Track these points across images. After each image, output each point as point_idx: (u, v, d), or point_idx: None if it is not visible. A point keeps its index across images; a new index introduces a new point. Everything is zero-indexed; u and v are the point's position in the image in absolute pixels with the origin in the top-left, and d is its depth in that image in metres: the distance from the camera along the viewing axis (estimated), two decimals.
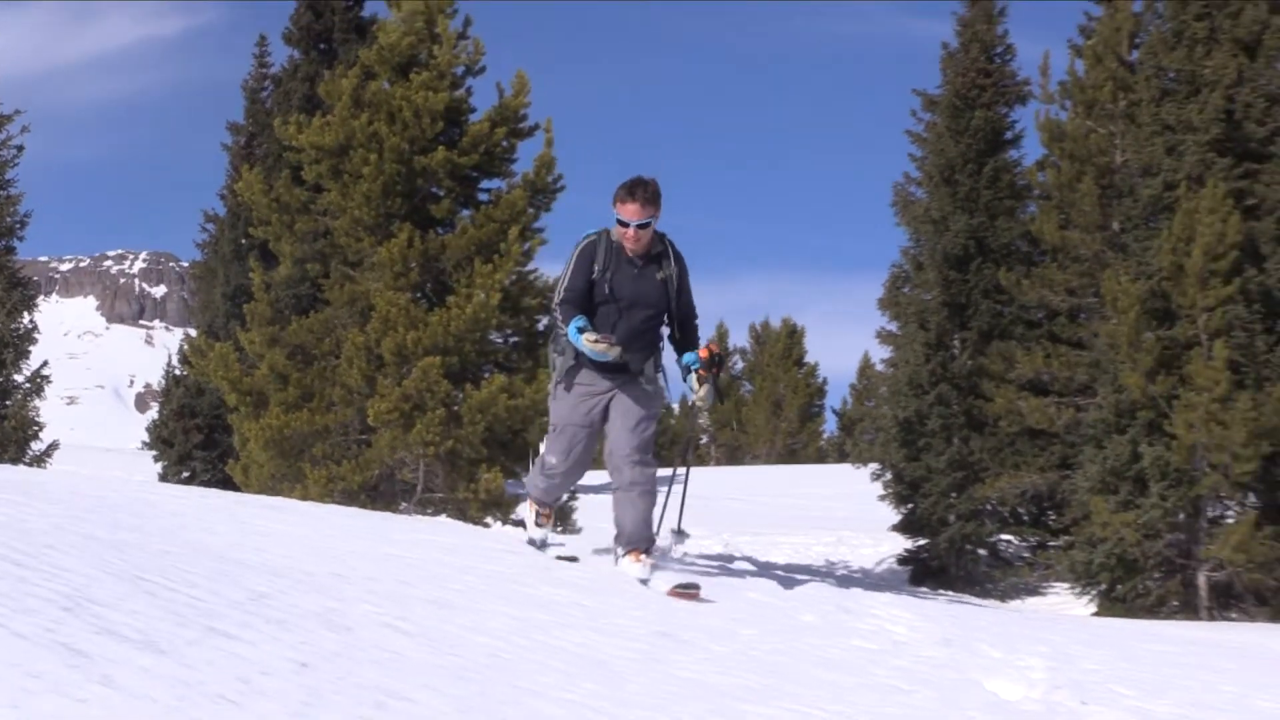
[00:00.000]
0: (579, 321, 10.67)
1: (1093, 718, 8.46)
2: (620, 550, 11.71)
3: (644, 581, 11.14)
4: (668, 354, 11.80)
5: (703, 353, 11.52)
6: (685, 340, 11.87)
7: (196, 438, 51.14)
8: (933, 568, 41.92)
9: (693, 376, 11.56)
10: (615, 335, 10.80)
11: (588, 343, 10.40)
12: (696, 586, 11.16)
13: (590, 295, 11.10)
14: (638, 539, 11.44)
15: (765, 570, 16.78)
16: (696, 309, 11.88)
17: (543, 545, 12.61)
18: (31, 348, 43.22)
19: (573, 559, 12.10)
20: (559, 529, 12.17)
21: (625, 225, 11.06)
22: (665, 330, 11.95)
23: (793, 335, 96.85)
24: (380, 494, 26.27)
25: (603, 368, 11.16)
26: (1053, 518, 39.74)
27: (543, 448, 11.95)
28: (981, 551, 42.47)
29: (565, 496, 13.21)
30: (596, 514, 37.27)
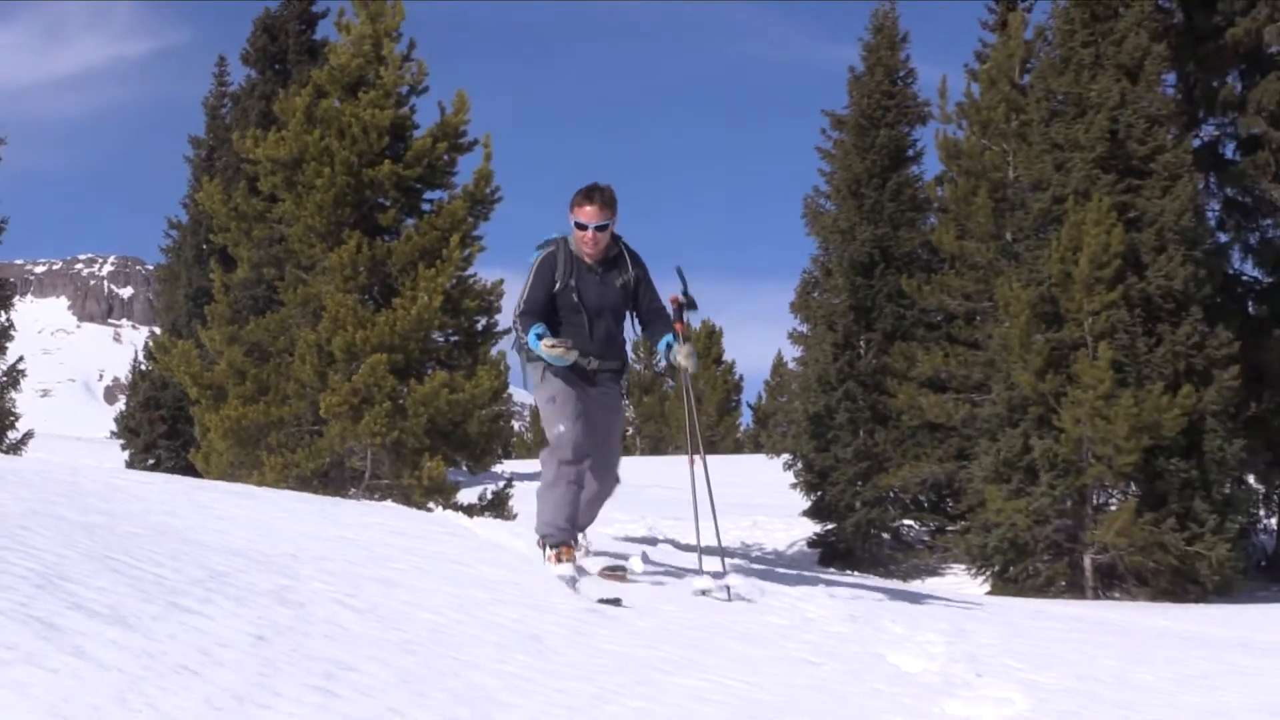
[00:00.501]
0: (538, 329, 10.02)
1: (986, 688, 8.48)
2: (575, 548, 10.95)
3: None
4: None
5: (672, 299, 10.86)
6: (655, 329, 11.07)
7: (161, 428, 50.96)
8: (840, 550, 42.10)
9: (674, 349, 10.73)
10: (590, 343, 10.26)
11: (545, 348, 9.81)
12: (624, 568, 10.91)
13: (551, 306, 10.37)
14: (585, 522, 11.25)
15: (686, 552, 16.74)
16: (662, 305, 11.11)
17: (574, 581, 10.35)
18: (8, 344, 43.10)
19: (615, 601, 9.91)
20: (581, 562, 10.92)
21: (584, 228, 10.45)
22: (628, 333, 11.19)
23: (711, 335, 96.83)
24: (331, 480, 26.20)
25: (576, 376, 10.45)
26: (950, 504, 39.93)
27: (542, 458, 10.81)
28: (885, 535, 42.68)
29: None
30: (534, 500, 37.23)
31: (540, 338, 9.87)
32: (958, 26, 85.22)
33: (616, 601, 9.60)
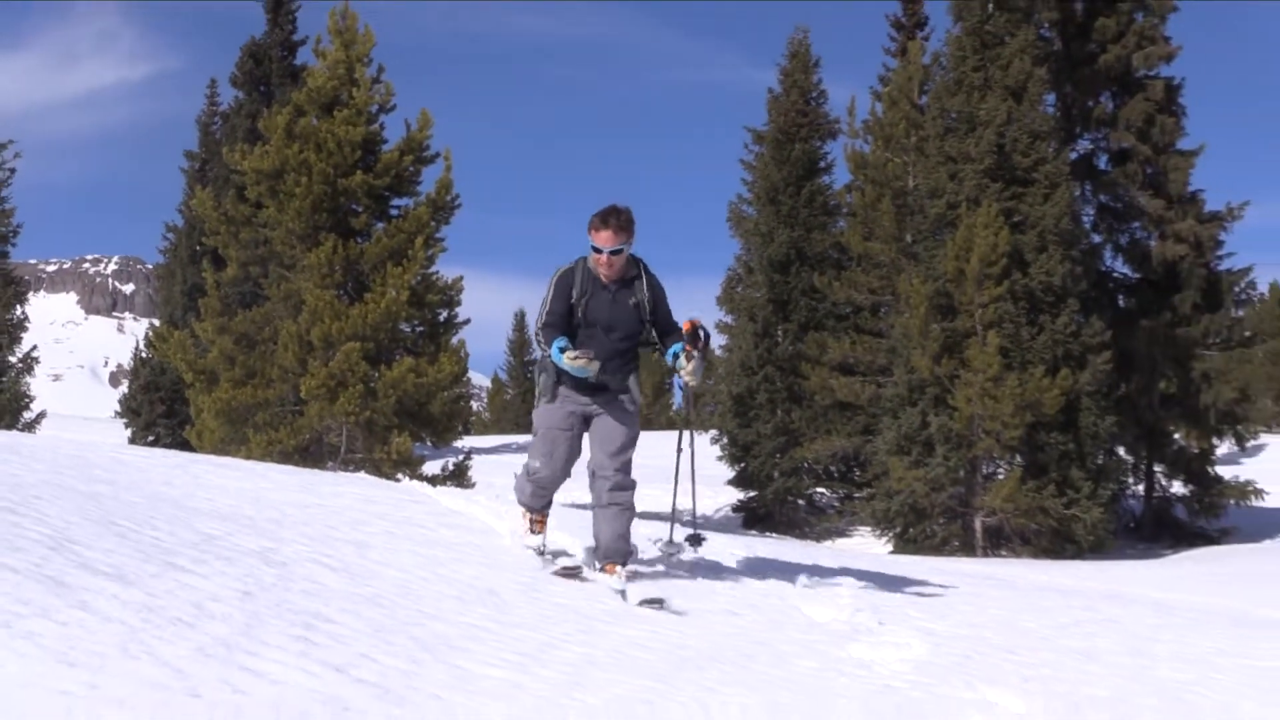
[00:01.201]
0: (560, 342, 9.10)
1: (888, 635, 8.51)
2: (597, 564, 9.98)
3: (621, 593, 9.31)
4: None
5: (685, 325, 9.82)
6: (669, 341, 9.91)
7: (159, 408, 50.74)
8: (760, 515, 42.35)
9: (681, 358, 9.73)
10: (594, 356, 9.14)
11: (569, 360, 8.90)
12: (579, 568, 10.51)
13: (570, 318, 9.41)
14: (614, 553, 9.77)
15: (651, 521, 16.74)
16: (676, 324, 9.97)
17: (542, 553, 10.22)
18: (23, 335, 43.01)
19: (575, 571, 9.71)
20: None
21: (599, 252, 9.39)
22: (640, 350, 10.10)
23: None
24: (310, 454, 26.15)
25: (584, 386, 9.46)
26: (857, 474, 40.22)
27: (517, 473, 10.22)
28: (800, 502, 42.89)
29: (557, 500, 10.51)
30: (491, 471, 37.16)
31: (563, 350, 8.97)
32: (864, 52, 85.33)
33: (659, 603, 9.01)
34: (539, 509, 10.20)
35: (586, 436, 9.86)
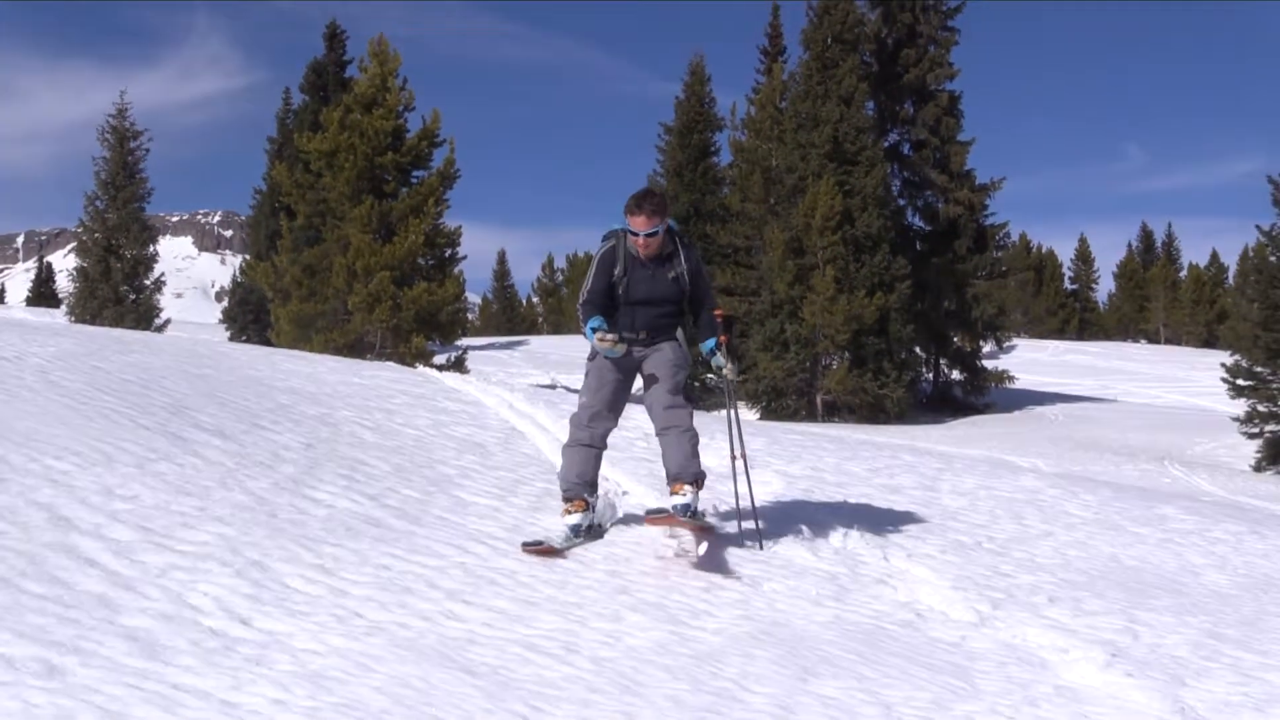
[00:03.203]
0: (594, 322, 6.89)
1: (755, 475, 8.53)
2: (668, 488, 7.06)
3: (688, 508, 6.65)
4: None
5: (718, 313, 7.29)
6: (701, 329, 7.38)
7: (249, 317, 50.27)
8: None
9: (719, 356, 7.20)
10: (634, 330, 6.98)
11: (597, 340, 6.81)
12: (548, 543, 6.63)
13: (611, 294, 7.08)
14: (684, 474, 6.88)
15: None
16: (712, 295, 7.50)
17: (578, 531, 6.74)
18: (155, 265, 42.78)
19: (537, 546, 6.43)
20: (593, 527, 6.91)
21: (635, 235, 6.92)
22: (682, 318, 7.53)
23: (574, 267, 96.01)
24: (354, 349, 25.99)
25: (632, 341, 6.95)
26: (738, 364, 40.17)
27: (570, 418, 7.18)
28: (695, 384, 42.85)
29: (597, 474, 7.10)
30: (480, 362, 36.97)
31: (595, 330, 6.82)
32: (742, 70, 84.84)
33: (599, 530, 6.89)
34: (579, 482, 6.84)
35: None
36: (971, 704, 4.75)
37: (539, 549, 6.27)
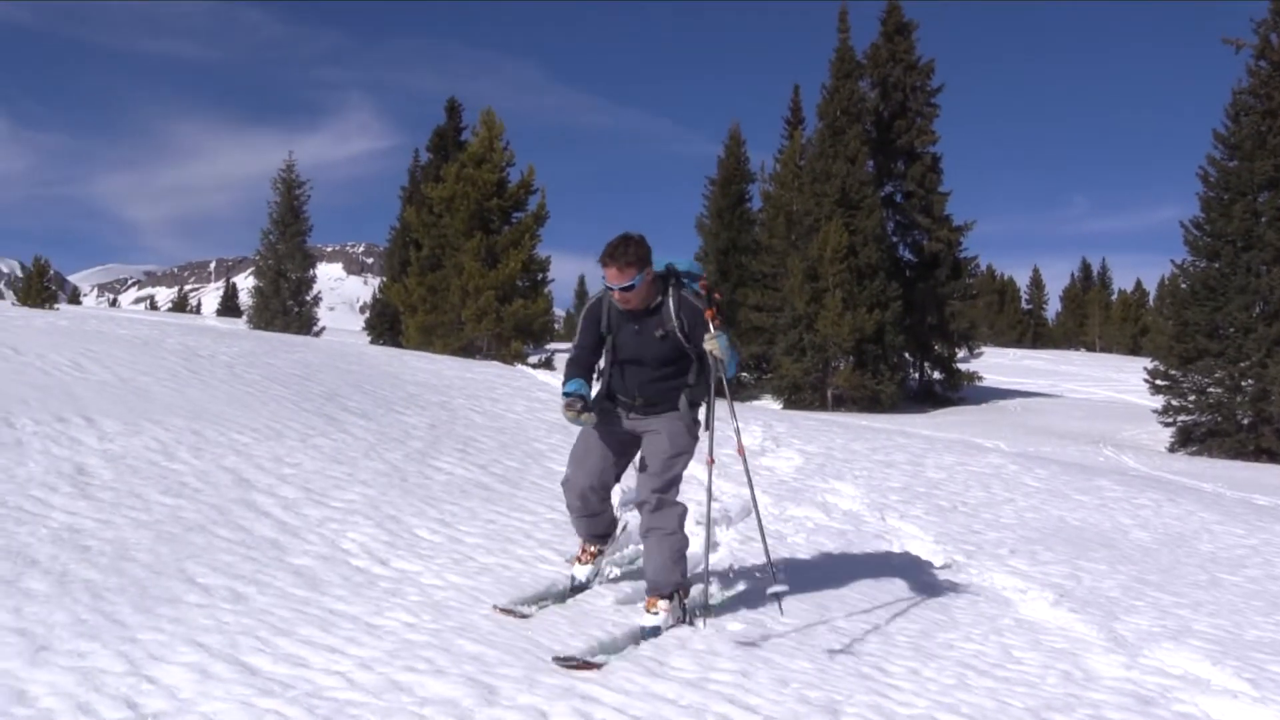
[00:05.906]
0: (569, 386, 4.70)
1: (781, 453, 8.48)
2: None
3: (654, 630, 4.35)
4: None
5: (701, 283, 4.86)
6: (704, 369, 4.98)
7: (386, 325, 50.53)
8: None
9: (707, 336, 4.66)
10: (625, 390, 4.82)
11: (562, 408, 4.68)
12: (587, 662, 4.01)
13: (598, 352, 4.89)
14: (661, 585, 4.55)
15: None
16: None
17: (574, 586, 4.81)
18: (313, 285, 43.19)
19: (509, 611, 4.31)
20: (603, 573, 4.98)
21: (610, 288, 4.67)
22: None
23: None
24: (467, 351, 26.03)
25: (632, 406, 4.84)
26: (766, 365, 39.83)
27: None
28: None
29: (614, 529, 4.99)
30: (563, 362, 37.11)
31: (565, 395, 4.67)
32: (770, 135, 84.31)
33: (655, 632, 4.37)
34: (584, 536, 4.93)
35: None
36: (951, 633, 4.75)
37: (575, 664, 3.82)
